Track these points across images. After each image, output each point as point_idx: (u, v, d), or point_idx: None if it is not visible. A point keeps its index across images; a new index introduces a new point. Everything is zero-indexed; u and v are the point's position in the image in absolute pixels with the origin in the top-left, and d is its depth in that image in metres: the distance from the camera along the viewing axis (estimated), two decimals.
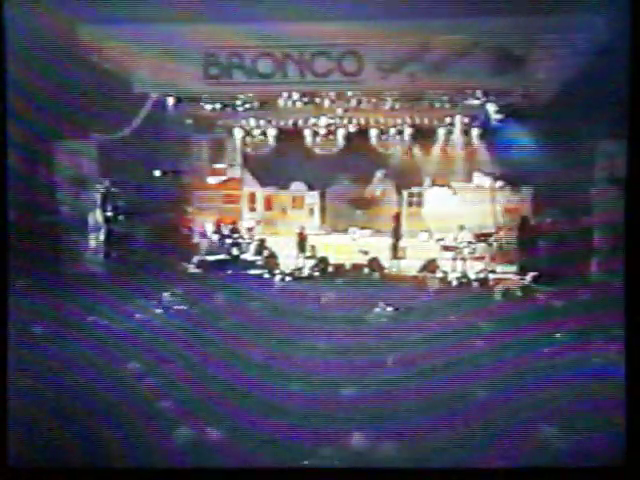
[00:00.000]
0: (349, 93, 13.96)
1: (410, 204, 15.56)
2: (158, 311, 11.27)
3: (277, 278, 14.08)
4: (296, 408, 7.61)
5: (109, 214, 14.42)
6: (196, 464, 6.49)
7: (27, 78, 10.38)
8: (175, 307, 11.52)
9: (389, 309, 11.26)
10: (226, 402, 7.59)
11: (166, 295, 11.98)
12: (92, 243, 14.18)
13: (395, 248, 14.54)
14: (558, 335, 9.67)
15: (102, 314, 10.96)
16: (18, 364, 7.31)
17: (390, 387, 8.21)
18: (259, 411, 7.37)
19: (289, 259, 14.72)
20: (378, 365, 8.86)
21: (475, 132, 15.07)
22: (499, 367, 8.50)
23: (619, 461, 6.45)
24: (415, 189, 15.51)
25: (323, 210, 16.04)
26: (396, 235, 14.64)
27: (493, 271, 13.70)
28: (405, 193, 15.59)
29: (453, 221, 14.15)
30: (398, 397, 7.82)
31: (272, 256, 14.91)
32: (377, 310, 11.24)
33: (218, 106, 14.64)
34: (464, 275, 13.58)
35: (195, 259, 14.84)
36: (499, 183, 14.42)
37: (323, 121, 15.19)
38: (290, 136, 15.66)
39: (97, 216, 14.20)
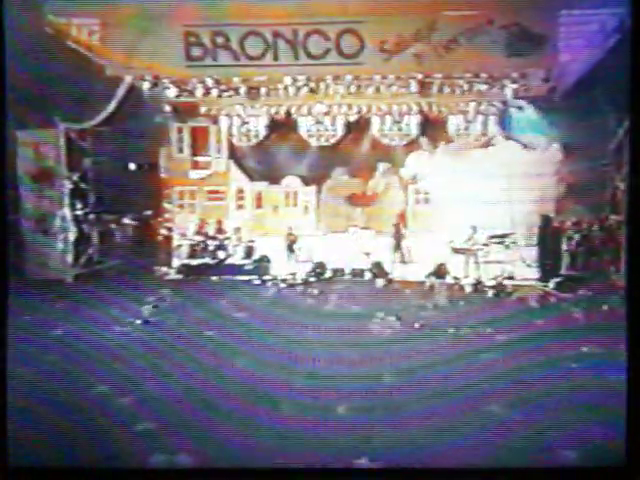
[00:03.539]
0: (348, 77, 14.10)
1: (417, 201, 15.70)
2: (135, 322, 11.44)
3: (268, 284, 14.27)
4: (288, 428, 7.81)
5: (78, 213, 14.57)
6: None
7: None
8: (154, 317, 11.71)
9: (393, 318, 11.46)
10: (211, 421, 7.80)
11: (143, 304, 12.16)
12: (59, 245, 14.32)
13: (400, 251, 14.73)
14: (585, 349, 9.87)
15: (72, 325, 11.13)
16: None
17: (394, 404, 8.40)
18: (247, 430, 7.59)
19: (281, 263, 14.90)
20: (380, 380, 9.05)
21: (491, 120, 15.16)
22: (506, 371, 8.89)
23: (619, 461, 7.03)
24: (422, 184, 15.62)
25: (319, 208, 16.16)
26: (400, 236, 14.83)
27: (511, 277, 13.84)
28: (411, 189, 15.72)
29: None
30: (402, 414, 8.04)
31: (262, 260, 15.06)
32: (380, 320, 11.44)
33: (201, 91, 14.75)
34: (478, 281, 13.74)
35: (176, 263, 15.00)
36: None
37: (319, 108, 15.33)
38: (282, 125, 15.79)
39: (65, 215, 14.34)
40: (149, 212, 15.22)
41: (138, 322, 11.42)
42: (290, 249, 15.06)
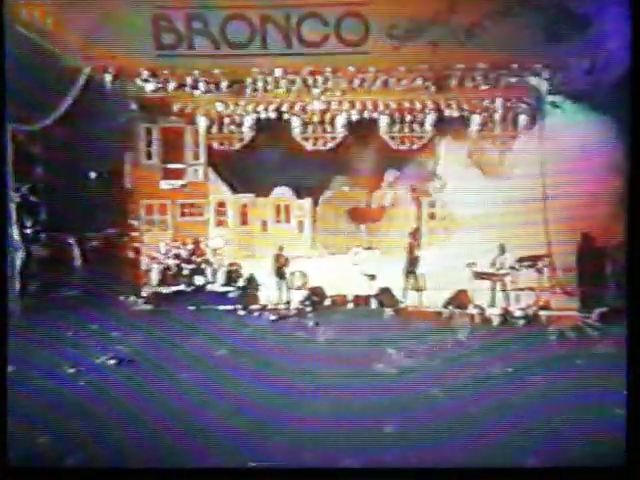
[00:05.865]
0: (350, 68, 14.20)
1: (431, 216, 15.74)
2: (94, 362, 11.48)
3: (255, 315, 14.33)
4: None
5: (28, 231, 14.58)
6: None
7: None
8: (118, 356, 11.75)
9: (404, 355, 11.53)
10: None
11: (105, 340, 12.21)
12: (5, 270, 14.32)
13: (413, 275, 14.78)
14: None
15: (19, 367, 11.16)
16: None
17: (404, 458, 8.49)
18: None
19: (271, 289, 14.95)
20: (389, 429, 9.13)
21: (522, 119, 15.24)
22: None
23: (619, 461, 8.61)
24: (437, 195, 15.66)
25: (316, 224, 16.21)
26: (414, 258, 14.89)
27: (546, 307, 13.90)
28: (425, 202, 15.78)
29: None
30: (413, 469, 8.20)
31: (248, 286, 15.12)
32: (388, 357, 11.50)
33: (174, 85, 14.83)
34: (506, 311, 13.81)
35: (144, 291, 15.03)
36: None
37: (316, 106, 15.42)
38: (272, 126, 15.85)
39: (12, 234, 14.36)
40: (112, 230, 15.24)
41: (97, 363, 11.49)
42: (279, 274, 15.08)
